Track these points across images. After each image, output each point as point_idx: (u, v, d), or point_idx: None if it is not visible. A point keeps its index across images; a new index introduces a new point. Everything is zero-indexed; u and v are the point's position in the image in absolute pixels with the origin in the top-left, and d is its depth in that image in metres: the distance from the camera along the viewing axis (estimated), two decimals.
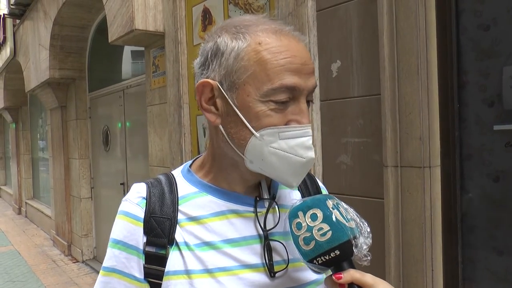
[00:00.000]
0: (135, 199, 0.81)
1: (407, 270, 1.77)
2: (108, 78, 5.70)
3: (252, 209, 0.81)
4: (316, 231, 0.68)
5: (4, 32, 8.86)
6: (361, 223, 0.71)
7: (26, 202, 10.14)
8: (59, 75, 6.01)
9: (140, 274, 0.78)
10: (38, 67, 6.44)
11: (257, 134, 0.72)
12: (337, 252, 0.67)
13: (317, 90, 2.16)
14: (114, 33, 3.74)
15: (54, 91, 6.32)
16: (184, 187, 0.83)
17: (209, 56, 0.76)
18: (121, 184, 5.30)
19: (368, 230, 0.71)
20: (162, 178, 0.85)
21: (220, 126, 0.77)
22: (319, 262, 0.68)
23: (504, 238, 1.66)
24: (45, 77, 6.06)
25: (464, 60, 1.74)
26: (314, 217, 0.69)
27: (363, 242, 0.69)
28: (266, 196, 0.83)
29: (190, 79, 3.23)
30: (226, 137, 0.76)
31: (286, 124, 0.72)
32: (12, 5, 7.16)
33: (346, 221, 0.69)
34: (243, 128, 0.74)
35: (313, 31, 2.16)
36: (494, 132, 1.66)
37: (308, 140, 0.74)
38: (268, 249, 0.79)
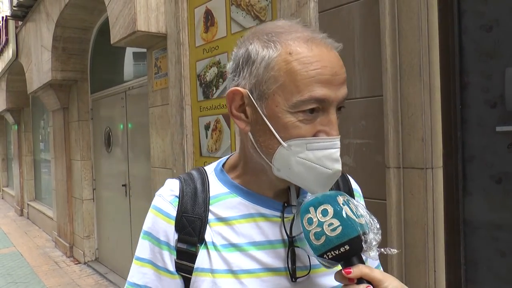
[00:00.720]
0: (168, 196, 0.84)
1: (410, 271, 1.77)
2: (110, 80, 5.70)
3: (279, 214, 0.82)
4: (327, 226, 0.69)
5: (7, 34, 8.88)
6: (371, 220, 0.73)
7: (28, 204, 10.15)
8: (61, 76, 6.02)
9: (172, 268, 0.81)
10: (40, 69, 6.46)
11: (284, 144, 0.73)
12: (347, 247, 0.69)
13: None
14: (116, 34, 3.74)
15: (56, 92, 6.33)
16: (216, 186, 0.85)
17: (240, 63, 0.77)
18: (123, 185, 5.31)
19: (378, 226, 0.72)
20: (195, 174, 0.87)
21: (250, 133, 0.78)
22: (329, 256, 0.70)
23: (506, 240, 1.66)
24: (47, 79, 6.07)
25: (467, 61, 1.74)
26: (325, 213, 0.70)
27: (373, 238, 0.70)
28: (294, 202, 0.84)
29: (192, 81, 3.23)
30: (255, 144, 0.78)
31: (314, 135, 0.72)
32: (14, 6, 7.17)
33: (356, 217, 0.71)
34: (271, 137, 0.74)
35: None
36: (496, 133, 1.66)
37: (336, 152, 0.73)
38: (292, 254, 0.80)
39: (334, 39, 0.76)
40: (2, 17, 9.21)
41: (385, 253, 0.72)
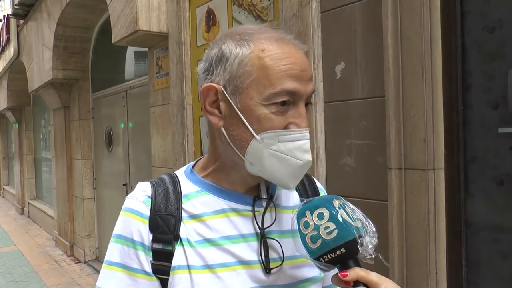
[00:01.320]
0: (141, 197, 0.84)
1: (411, 273, 1.76)
2: (111, 79, 5.70)
3: (250, 208, 0.84)
4: (323, 229, 0.70)
5: (8, 33, 8.88)
6: (367, 223, 0.74)
7: (28, 202, 10.16)
8: (62, 75, 6.02)
9: (149, 269, 0.80)
10: (41, 68, 6.46)
11: (257, 137, 0.76)
12: (343, 250, 0.69)
13: (320, 92, 2.16)
14: (117, 33, 3.74)
15: (57, 91, 6.33)
16: (187, 186, 0.86)
17: (213, 61, 0.80)
18: (123, 184, 5.30)
19: (374, 230, 0.73)
20: (166, 177, 0.89)
21: (222, 129, 0.80)
22: (326, 260, 0.70)
23: (508, 242, 1.65)
24: (49, 78, 6.07)
25: (469, 62, 1.73)
26: (321, 216, 0.71)
27: (369, 241, 0.71)
28: (264, 196, 0.86)
29: (193, 80, 3.23)
30: (228, 139, 0.80)
31: (285, 127, 0.76)
32: (16, 5, 7.17)
33: (352, 221, 0.71)
34: (244, 130, 0.77)
35: (317, 33, 2.15)
36: (499, 134, 1.65)
37: (305, 144, 0.77)
38: (264, 246, 0.82)
39: (301, 41, 0.82)
40: (4, 16, 9.21)
41: (379, 257, 0.72)
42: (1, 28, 9.60)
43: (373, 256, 0.71)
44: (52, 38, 5.88)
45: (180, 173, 0.91)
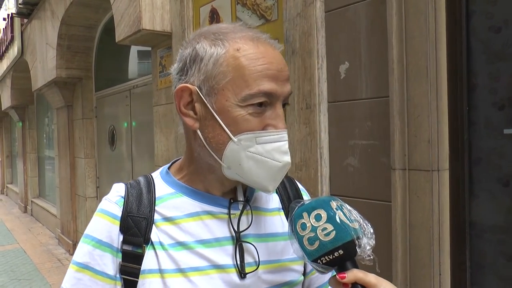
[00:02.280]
0: (114, 197, 0.83)
1: (414, 274, 1.75)
2: (115, 78, 5.71)
3: (226, 210, 0.82)
4: (320, 231, 0.69)
5: (12, 31, 8.91)
6: (364, 224, 0.73)
7: (32, 201, 10.19)
8: (66, 74, 6.04)
9: (113, 272, 0.79)
10: (45, 66, 6.47)
11: (234, 139, 0.74)
12: (341, 251, 0.69)
13: (324, 92, 2.15)
14: (121, 33, 3.74)
15: (60, 90, 6.34)
16: (161, 188, 0.84)
17: (187, 61, 0.78)
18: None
19: (372, 231, 0.72)
20: (141, 179, 0.87)
21: (198, 131, 0.78)
22: (323, 261, 0.70)
23: None
24: (52, 76, 6.08)
25: (474, 62, 1.72)
26: (318, 218, 0.70)
27: (367, 242, 0.70)
28: (241, 198, 0.84)
29: None
30: (204, 141, 0.78)
31: (263, 129, 0.74)
32: (20, 4, 7.20)
33: (350, 222, 0.71)
34: (221, 132, 0.75)
35: (321, 32, 2.15)
36: (504, 135, 1.64)
37: (284, 145, 0.76)
38: (240, 250, 0.80)
39: (277, 40, 0.80)
40: (8, 15, 9.24)
41: (376, 259, 0.72)
42: (5, 27, 9.63)
43: (371, 257, 0.70)
44: (55, 37, 5.89)
45: (156, 174, 0.89)
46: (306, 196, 0.98)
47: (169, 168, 0.90)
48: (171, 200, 0.82)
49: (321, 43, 2.15)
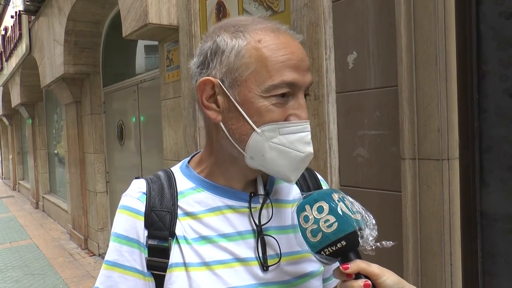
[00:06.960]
0: (135, 194, 0.83)
1: (426, 264, 1.74)
2: (122, 73, 5.73)
3: (247, 204, 0.83)
4: (323, 223, 0.71)
5: (20, 29, 8.96)
6: (366, 216, 0.74)
7: (43, 197, 10.31)
8: (74, 70, 6.07)
9: (142, 267, 0.80)
10: (53, 63, 6.51)
11: (258, 130, 0.75)
12: (344, 242, 0.70)
13: (333, 82, 2.14)
14: (128, 27, 3.75)
15: (69, 86, 6.38)
16: (182, 182, 0.85)
17: (208, 55, 0.78)
18: (136, 178, 5.33)
19: (374, 222, 0.73)
20: (161, 174, 0.88)
21: (221, 123, 0.79)
22: (327, 253, 0.71)
23: None
24: (60, 73, 6.12)
25: (485, 50, 1.70)
26: (320, 210, 0.71)
27: (369, 233, 0.71)
28: (261, 192, 0.85)
29: None
30: (227, 133, 0.78)
31: (286, 119, 0.75)
32: (27, 1, 7.24)
33: (352, 213, 0.72)
34: (244, 123, 0.76)
35: (328, 23, 2.13)
36: None
37: (307, 136, 0.77)
38: (262, 243, 0.81)
39: (296, 32, 0.82)
40: (16, 12, 9.29)
41: (381, 246, 0.72)
42: (13, 25, 9.69)
43: (373, 247, 0.71)
44: (63, 33, 5.92)
45: (176, 169, 0.89)
46: (325, 186, 0.98)
47: (188, 162, 0.90)
48: (192, 195, 0.83)
49: (328, 33, 2.13)
